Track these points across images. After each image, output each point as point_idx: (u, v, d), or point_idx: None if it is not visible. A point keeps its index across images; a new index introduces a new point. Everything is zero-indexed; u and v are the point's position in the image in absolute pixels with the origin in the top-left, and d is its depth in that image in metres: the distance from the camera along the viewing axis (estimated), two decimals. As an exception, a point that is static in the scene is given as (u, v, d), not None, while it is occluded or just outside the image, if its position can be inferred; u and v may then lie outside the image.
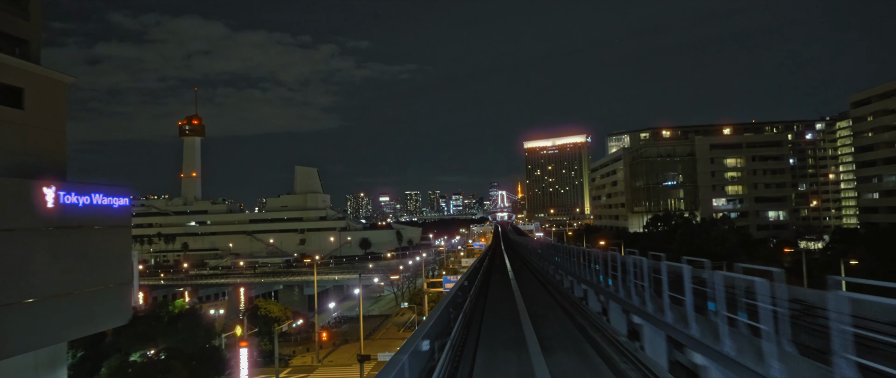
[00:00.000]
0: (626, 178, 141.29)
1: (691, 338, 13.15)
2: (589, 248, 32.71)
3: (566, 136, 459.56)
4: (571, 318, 23.59)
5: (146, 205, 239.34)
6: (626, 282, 19.69)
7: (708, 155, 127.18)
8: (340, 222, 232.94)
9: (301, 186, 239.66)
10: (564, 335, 20.27)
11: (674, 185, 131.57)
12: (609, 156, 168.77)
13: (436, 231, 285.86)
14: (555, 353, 17.03)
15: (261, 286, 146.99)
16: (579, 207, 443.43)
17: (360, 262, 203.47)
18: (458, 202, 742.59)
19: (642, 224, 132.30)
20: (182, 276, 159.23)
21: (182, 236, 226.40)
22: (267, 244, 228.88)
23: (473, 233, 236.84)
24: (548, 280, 42.55)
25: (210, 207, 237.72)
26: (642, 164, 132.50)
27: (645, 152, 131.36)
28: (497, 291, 36.54)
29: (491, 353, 17.62)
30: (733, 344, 11.17)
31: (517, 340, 18.69)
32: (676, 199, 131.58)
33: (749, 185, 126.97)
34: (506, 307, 27.70)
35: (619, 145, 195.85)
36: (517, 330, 20.36)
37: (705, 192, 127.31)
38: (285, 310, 67.66)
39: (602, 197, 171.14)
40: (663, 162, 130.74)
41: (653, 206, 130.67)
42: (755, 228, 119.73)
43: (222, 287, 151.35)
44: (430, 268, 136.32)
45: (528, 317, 21.72)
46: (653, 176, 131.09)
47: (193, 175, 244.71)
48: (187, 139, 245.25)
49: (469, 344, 18.59)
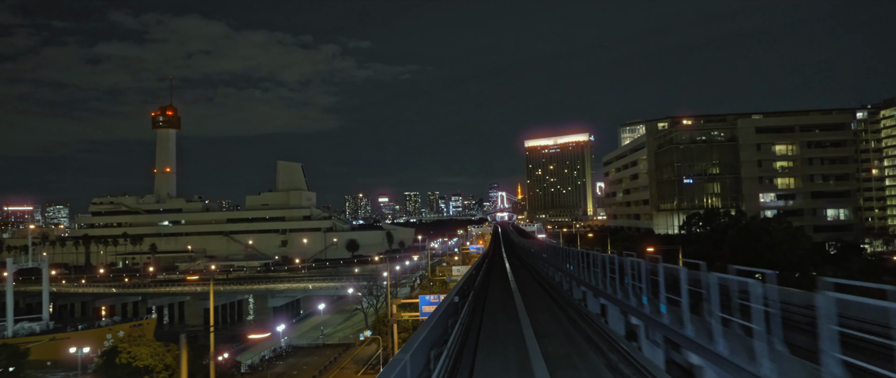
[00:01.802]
0: (650, 169, 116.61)
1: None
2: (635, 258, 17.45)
3: (568, 134, 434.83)
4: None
5: (115, 203, 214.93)
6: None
7: (753, 140, 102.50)
8: (326, 222, 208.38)
9: (284, 183, 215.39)
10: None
11: (710, 176, 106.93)
12: (627, 145, 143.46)
13: (432, 232, 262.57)
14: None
15: (221, 295, 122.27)
16: (581, 208, 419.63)
17: (344, 266, 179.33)
18: (457, 203, 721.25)
19: (674, 224, 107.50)
20: (130, 283, 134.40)
21: (151, 237, 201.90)
22: (245, 246, 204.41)
23: (471, 234, 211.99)
24: (570, 303, 27.97)
25: (184, 206, 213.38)
26: (672, 152, 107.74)
27: (676, 138, 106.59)
28: (497, 325, 21.64)
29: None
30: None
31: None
32: (711, 194, 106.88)
33: (803, 177, 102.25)
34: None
35: (632, 137, 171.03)
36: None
37: (750, 185, 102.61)
38: (164, 354, 42.75)
39: (618, 193, 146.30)
40: (699, 149, 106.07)
41: (685, 202, 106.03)
42: (812, 229, 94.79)
43: (177, 297, 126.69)
44: (411, 279, 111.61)
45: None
46: (685, 166, 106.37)
47: (167, 171, 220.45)
48: (161, 131, 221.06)
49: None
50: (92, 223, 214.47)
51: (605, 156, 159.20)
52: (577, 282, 30.29)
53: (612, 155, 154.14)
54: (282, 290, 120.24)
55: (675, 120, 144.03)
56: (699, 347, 12.31)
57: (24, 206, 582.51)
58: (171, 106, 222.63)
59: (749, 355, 9.77)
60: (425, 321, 16.81)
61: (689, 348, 12.96)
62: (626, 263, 17.98)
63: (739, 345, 10.35)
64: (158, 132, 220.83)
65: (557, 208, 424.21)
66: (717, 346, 11.22)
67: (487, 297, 33.25)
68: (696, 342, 12.52)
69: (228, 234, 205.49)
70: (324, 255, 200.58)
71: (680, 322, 13.24)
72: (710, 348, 11.55)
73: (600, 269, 22.31)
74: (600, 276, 22.38)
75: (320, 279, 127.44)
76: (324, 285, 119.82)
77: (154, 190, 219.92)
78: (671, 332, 14.05)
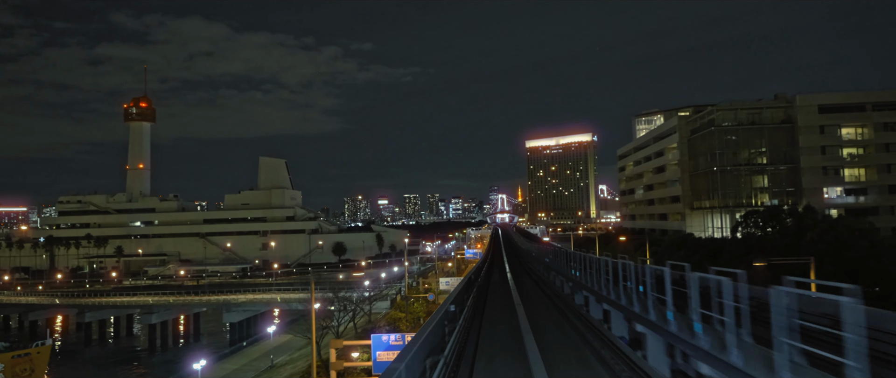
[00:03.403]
0: (682, 160, 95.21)
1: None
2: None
3: (571, 134, 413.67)
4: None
5: (83, 201, 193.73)
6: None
7: (816, 121, 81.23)
8: (311, 224, 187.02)
9: (266, 181, 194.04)
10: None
11: (758, 167, 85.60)
12: (651, 132, 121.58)
13: (428, 235, 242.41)
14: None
15: (170, 308, 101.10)
16: (584, 210, 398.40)
17: (328, 271, 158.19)
18: (457, 206, 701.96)
19: (711, 225, 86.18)
20: (75, 290, 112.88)
21: (119, 239, 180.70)
22: (223, 249, 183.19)
23: (469, 237, 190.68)
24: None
25: (158, 205, 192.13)
26: (712, 138, 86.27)
27: (719, 120, 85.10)
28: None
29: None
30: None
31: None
32: (758, 189, 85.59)
33: (878, 168, 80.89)
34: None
35: (649, 128, 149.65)
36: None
37: (812, 177, 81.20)
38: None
39: (637, 190, 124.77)
40: (745, 134, 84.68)
41: (729, 199, 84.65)
42: (890, 231, 73.22)
43: (122, 309, 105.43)
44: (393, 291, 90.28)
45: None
46: (729, 155, 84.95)
47: (140, 167, 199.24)
48: (133, 124, 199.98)
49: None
50: (58, 223, 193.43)
51: (620, 148, 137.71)
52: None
53: (629, 146, 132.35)
54: (242, 303, 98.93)
55: (698, 108, 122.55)
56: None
57: (18, 207, 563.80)
58: (145, 97, 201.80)
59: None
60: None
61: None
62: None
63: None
64: (131, 125, 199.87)
65: (559, 210, 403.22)
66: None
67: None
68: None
69: (205, 235, 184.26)
70: (308, 260, 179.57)
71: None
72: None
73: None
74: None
75: (292, 289, 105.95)
76: (293, 297, 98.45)
77: (126, 188, 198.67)
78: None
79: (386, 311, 76.77)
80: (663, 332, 14.50)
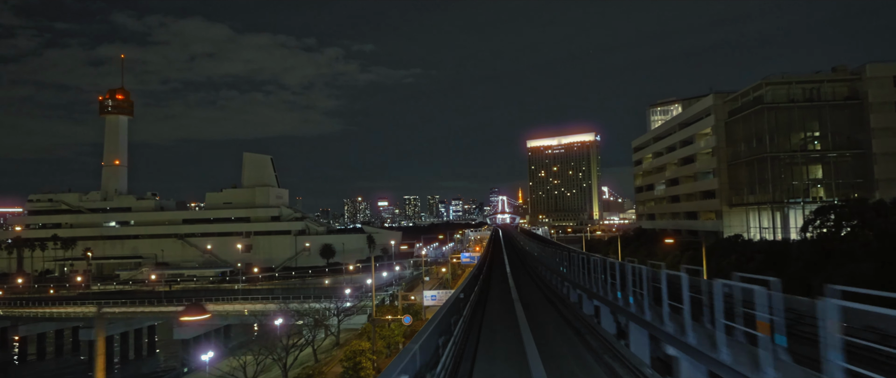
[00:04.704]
0: (719, 147, 78.78)
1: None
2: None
3: (573, 134, 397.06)
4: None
5: (55, 200, 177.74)
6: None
7: (892, 96, 65.19)
8: (298, 224, 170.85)
9: (250, 178, 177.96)
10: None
11: (813, 155, 69.36)
12: (675, 118, 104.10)
13: (426, 236, 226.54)
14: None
15: (117, 322, 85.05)
16: (587, 212, 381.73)
17: (313, 276, 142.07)
18: (457, 208, 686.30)
19: (766, 225, 69.89)
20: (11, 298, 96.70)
21: (91, 240, 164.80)
22: (203, 251, 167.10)
23: (468, 239, 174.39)
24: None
25: (134, 204, 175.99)
26: (761, 119, 69.97)
27: (769, 96, 68.82)
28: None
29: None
30: None
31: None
32: (813, 181, 69.36)
33: (969, 153, 64.69)
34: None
35: (665, 119, 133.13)
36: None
37: (888, 165, 64.93)
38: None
39: (657, 186, 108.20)
40: (801, 114, 68.46)
41: (781, 192, 68.33)
42: None
43: (64, 322, 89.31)
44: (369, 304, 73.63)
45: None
46: (780, 140, 68.69)
47: (116, 163, 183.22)
48: (110, 118, 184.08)
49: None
50: (28, 223, 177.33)
51: (635, 140, 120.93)
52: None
53: (646, 137, 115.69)
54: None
55: (719, 95, 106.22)
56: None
57: (15, 208, 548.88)
58: (122, 89, 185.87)
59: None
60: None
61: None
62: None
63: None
64: (107, 119, 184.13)
65: (561, 212, 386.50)
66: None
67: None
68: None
69: (183, 236, 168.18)
70: (294, 263, 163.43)
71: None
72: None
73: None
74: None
75: (263, 298, 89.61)
76: (258, 308, 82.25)
77: (101, 186, 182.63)
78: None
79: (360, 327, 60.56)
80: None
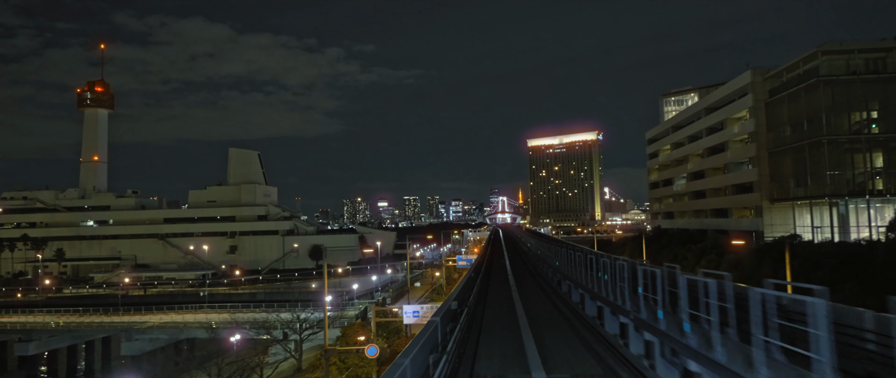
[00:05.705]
0: (759, 133, 66.79)
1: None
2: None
3: (575, 133, 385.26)
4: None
5: (29, 198, 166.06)
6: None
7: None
8: (286, 224, 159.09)
9: (236, 175, 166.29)
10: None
11: (873, 139, 57.45)
12: (701, 101, 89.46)
13: (423, 237, 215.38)
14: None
15: (62, 334, 73.28)
16: (589, 213, 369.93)
17: (300, 279, 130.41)
18: (457, 208, 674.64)
19: (817, 224, 58.03)
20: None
21: (67, 239, 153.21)
22: (185, 252, 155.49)
23: (467, 240, 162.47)
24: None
25: (113, 202, 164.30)
26: (814, 96, 58.14)
27: (825, 68, 56.98)
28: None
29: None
30: None
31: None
32: (870, 171, 57.50)
33: None
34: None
35: (679, 109, 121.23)
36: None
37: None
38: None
39: (676, 181, 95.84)
40: (862, 89, 56.73)
41: (841, 184, 56.47)
42: None
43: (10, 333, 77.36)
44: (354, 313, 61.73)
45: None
46: (836, 122, 56.87)
47: (95, 159, 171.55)
48: (88, 111, 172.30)
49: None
50: (1, 222, 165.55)
51: (649, 131, 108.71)
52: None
53: (663, 126, 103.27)
54: (155, 324, 71.01)
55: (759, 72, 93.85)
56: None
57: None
58: (101, 81, 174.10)
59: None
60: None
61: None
62: None
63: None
64: (85, 112, 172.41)
65: (562, 212, 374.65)
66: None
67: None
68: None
69: (165, 237, 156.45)
70: (281, 265, 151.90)
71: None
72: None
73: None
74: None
75: (231, 307, 77.66)
76: (224, 318, 70.39)
77: (79, 183, 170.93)
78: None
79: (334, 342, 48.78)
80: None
